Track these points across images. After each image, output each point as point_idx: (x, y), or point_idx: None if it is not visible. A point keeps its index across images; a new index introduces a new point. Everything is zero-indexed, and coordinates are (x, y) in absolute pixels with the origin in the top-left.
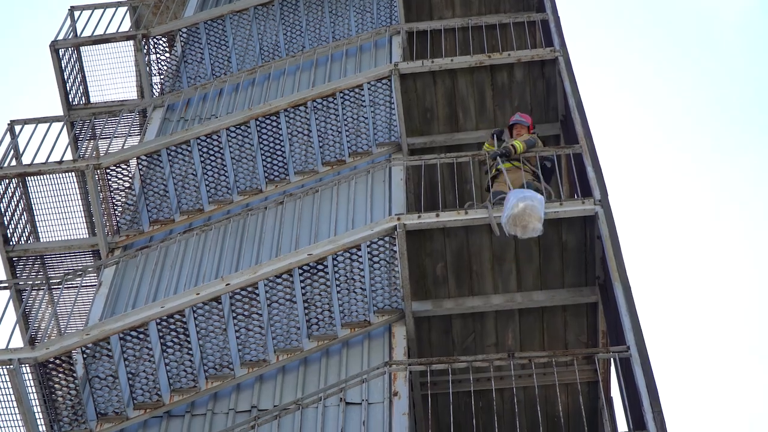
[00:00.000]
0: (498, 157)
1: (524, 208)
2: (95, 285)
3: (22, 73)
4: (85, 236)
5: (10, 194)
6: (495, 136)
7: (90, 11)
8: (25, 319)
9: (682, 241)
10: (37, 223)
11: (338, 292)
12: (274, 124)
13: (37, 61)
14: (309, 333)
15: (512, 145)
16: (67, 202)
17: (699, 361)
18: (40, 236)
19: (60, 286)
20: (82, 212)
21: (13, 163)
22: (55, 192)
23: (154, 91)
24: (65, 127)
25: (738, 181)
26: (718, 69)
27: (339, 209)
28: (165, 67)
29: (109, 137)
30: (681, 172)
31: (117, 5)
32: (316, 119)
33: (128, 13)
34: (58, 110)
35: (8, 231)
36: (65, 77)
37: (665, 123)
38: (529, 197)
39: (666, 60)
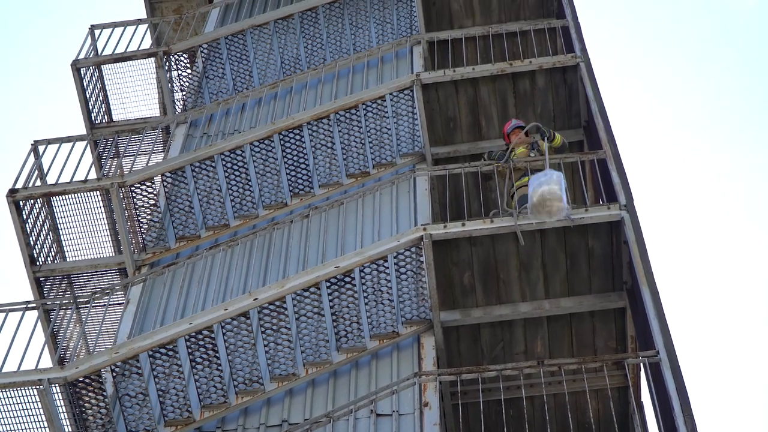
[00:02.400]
0: (543, 139)
1: (542, 195)
2: (123, 303)
3: (45, 93)
4: (111, 254)
5: (36, 214)
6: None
7: (110, 29)
8: (53, 339)
9: (709, 244)
10: (63, 242)
11: (366, 303)
12: (298, 137)
13: (59, 80)
14: (338, 345)
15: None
16: (92, 220)
17: (729, 364)
18: (67, 256)
19: (88, 305)
20: (108, 231)
21: (38, 183)
22: (80, 211)
23: (176, 107)
24: (89, 146)
25: None
26: (740, 63)
27: (365, 221)
28: (187, 84)
29: (133, 155)
30: (707, 174)
31: (137, 23)
32: (339, 131)
33: (149, 31)
34: (81, 129)
35: (35, 251)
36: (87, 96)
37: (688, 124)
38: (545, 181)
39: (687, 59)
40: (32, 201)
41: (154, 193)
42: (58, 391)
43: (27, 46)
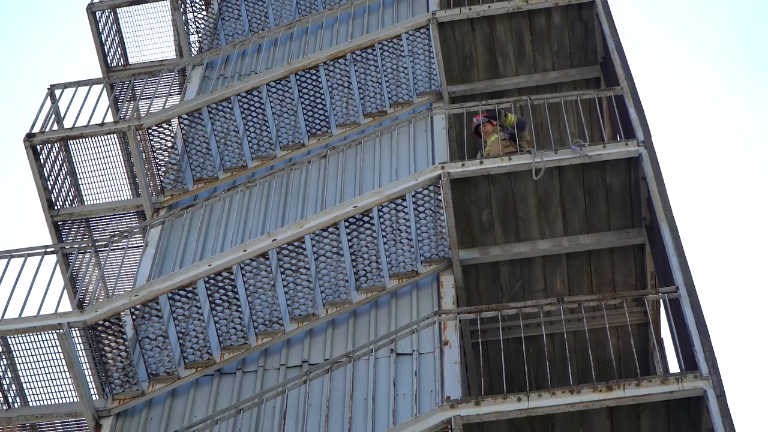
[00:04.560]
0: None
1: None
2: (141, 246)
3: (60, 37)
4: (129, 198)
5: (53, 158)
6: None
7: None
8: (72, 283)
9: (726, 179)
10: (81, 186)
11: (385, 243)
12: (314, 77)
13: (75, 24)
14: (357, 285)
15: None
16: (110, 164)
17: (749, 299)
18: (85, 199)
19: (106, 249)
20: (126, 174)
21: (55, 127)
22: (97, 154)
23: (192, 49)
24: (105, 89)
25: None
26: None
27: (382, 160)
28: (202, 25)
29: (150, 98)
30: (725, 109)
31: None
32: (355, 71)
33: None
34: (97, 73)
35: (52, 195)
36: (103, 39)
37: (707, 58)
38: None
39: None
40: (49, 145)
41: (171, 135)
42: (78, 334)
43: None
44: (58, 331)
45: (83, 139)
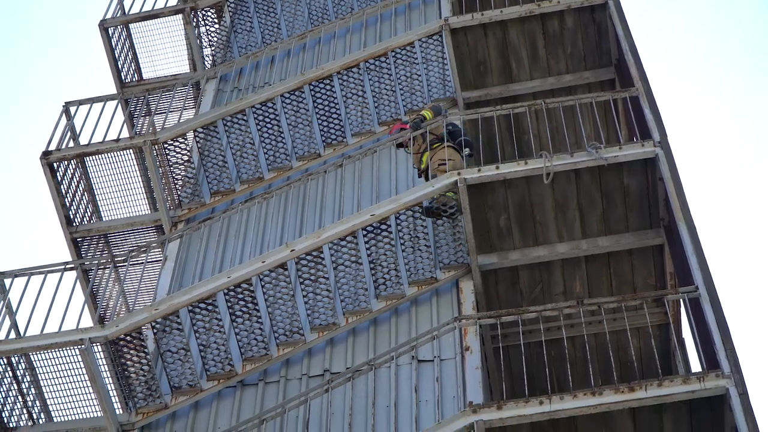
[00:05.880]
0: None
1: None
2: (160, 260)
3: (73, 54)
4: (147, 212)
5: (70, 175)
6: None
7: None
8: (92, 298)
9: (743, 179)
10: (99, 202)
11: (403, 250)
12: (328, 87)
13: (87, 40)
14: (377, 293)
15: (421, 114)
16: (127, 179)
17: None
18: (103, 215)
19: (125, 264)
20: (143, 188)
21: (71, 144)
22: (114, 170)
23: (206, 63)
24: (119, 105)
25: None
26: None
27: (399, 168)
28: (215, 39)
29: (165, 112)
30: (740, 108)
31: None
32: (369, 80)
33: None
34: (111, 88)
35: (71, 212)
36: (116, 55)
37: (721, 57)
38: None
39: None
40: (66, 162)
41: (187, 149)
42: (100, 349)
43: (55, 8)
44: (80, 346)
45: (99, 155)
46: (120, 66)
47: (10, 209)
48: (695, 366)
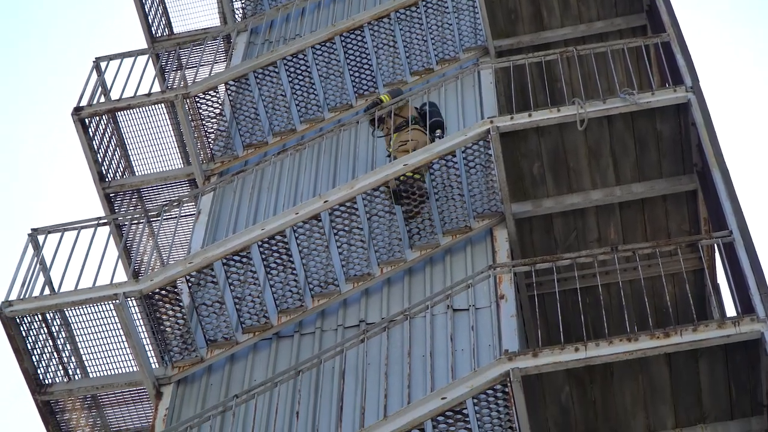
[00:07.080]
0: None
1: None
2: (194, 213)
3: (104, 10)
4: (179, 166)
5: (102, 131)
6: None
7: None
8: (126, 253)
9: None
10: (131, 157)
11: (437, 200)
12: (359, 38)
13: None
14: (411, 243)
15: (378, 98)
16: (159, 133)
17: None
18: (135, 170)
19: (159, 218)
20: (175, 143)
21: (102, 99)
22: (146, 125)
23: (236, 15)
24: (150, 59)
25: None
26: None
27: None
28: None
29: (196, 66)
30: None
31: None
32: (400, 30)
33: None
34: (142, 43)
35: (103, 168)
36: (146, 9)
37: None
38: None
39: None
40: (98, 118)
41: (219, 102)
42: (135, 304)
43: None
44: (114, 301)
45: (131, 110)
46: (150, 20)
47: (42, 166)
48: (730, 311)
